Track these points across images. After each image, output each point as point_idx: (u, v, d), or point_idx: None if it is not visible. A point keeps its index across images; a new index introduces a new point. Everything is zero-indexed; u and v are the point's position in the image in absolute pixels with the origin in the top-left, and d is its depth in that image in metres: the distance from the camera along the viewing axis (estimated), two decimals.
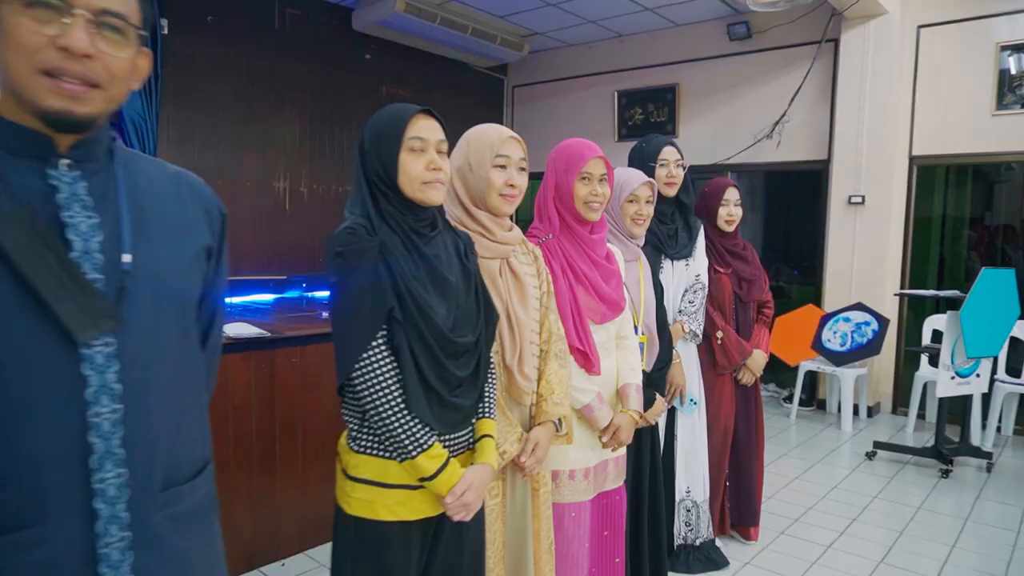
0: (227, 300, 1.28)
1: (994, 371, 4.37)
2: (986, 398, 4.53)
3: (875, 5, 4.85)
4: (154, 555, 0.89)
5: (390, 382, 1.28)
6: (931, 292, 4.55)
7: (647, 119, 6.60)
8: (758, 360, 2.90)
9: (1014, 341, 4.54)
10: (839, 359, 4.96)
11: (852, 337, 4.98)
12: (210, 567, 0.99)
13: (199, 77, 5.25)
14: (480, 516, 1.49)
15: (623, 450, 2.06)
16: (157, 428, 0.89)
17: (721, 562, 2.80)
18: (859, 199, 5.17)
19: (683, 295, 2.69)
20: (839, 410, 5.10)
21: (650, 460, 2.35)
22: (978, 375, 4.06)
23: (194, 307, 0.97)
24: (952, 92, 4.98)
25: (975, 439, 4.47)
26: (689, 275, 2.71)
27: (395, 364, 1.29)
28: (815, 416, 5.30)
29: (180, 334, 0.94)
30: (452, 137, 1.46)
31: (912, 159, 5.19)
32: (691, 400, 2.66)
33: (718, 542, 2.88)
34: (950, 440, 4.16)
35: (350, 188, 1.41)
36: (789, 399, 5.38)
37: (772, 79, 5.74)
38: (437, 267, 1.36)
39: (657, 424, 2.36)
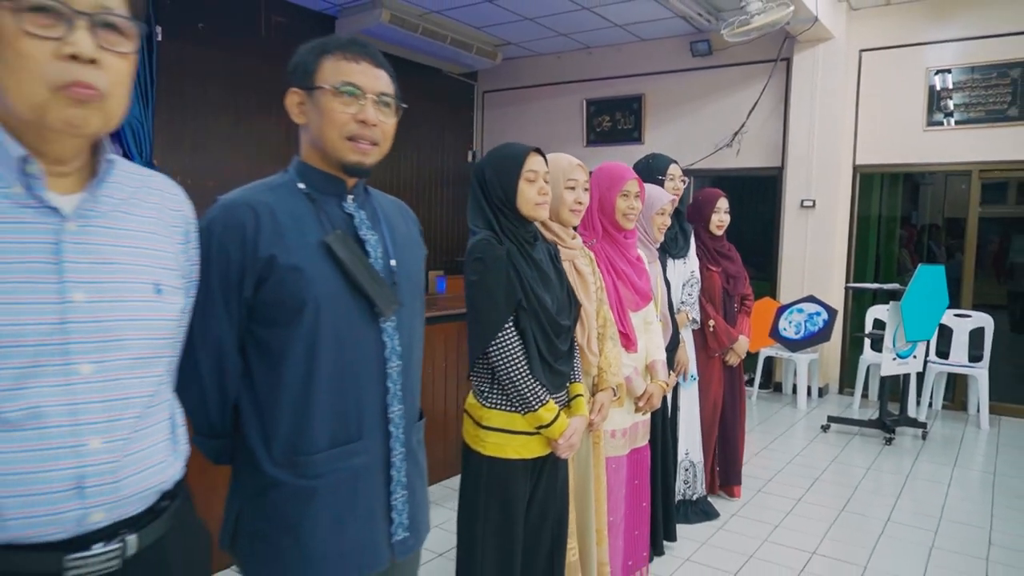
0: None
1: (927, 353, 5.03)
2: (920, 377, 5.19)
3: (824, 31, 5.45)
4: (411, 466, 1.29)
5: (518, 354, 1.70)
6: (876, 285, 5.18)
7: (615, 126, 7.11)
8: (742, 344, 3.42)
9: (942, 328, 5.21)
10: (794, 346, 5.56)
11: (805, 326, 5.58)
12: (424, 485, 1.39)
13: (190, 82, 5.45)
14: (565, 459, 1.92)
15: (649, 414, 2.52)
16: (414, 379, 1.29)
17: (713, 514, 3.30)
18: (810, 203, 5.79)
19: (682, 288, 3.17)
20: (794, 391, 5.72)
21: (661, 426, 2.81)
22: (915, 356, 4.69)
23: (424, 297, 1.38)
24: (889, 109, 5.64)
25: (911, 412, 5.12)
26: (686, 272, 3.19)
27: (520, 341, 1.71)
28: (773, 397, 5.91)
29: (420, 315, 1.34)
30: (432, 138, 1.85)
31: (856, 167, 5.84)
32: (692, 376, 3.14)
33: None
34: (891, 413, 4.79)
35: None
36: (751, 383, 5.96)
37: (731, 93, 6.31)
38: (544, 268, 1.79)
39: (666, 396, 2.83)
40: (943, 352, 5.33)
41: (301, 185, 1.21)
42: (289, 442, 1.15)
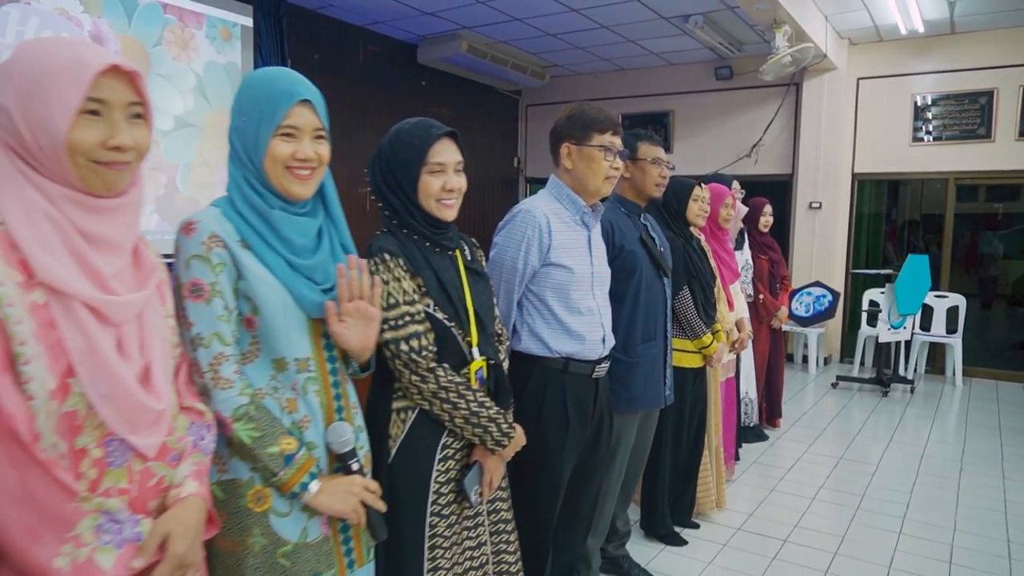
0: None
1: (914, 326, 6.26)
2: (907, 345, 6.43)
3: (829, 63, 6.65)
4: (670, 358, 2.45)
5: (692, 305, 2.85)
6: (874, 271, 6.40)
7: None
8: (783, 312, 4.60)
9: (925, 306, 6.43)
10: (804, 322, 6.76)
11: (813, 306, 6.79)
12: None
13: None
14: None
15: (734, 357, 3.69)
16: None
17: (763, 437, 4.50)
18: (817, 204, 7.01)
19: (741, 272, 4.34)
20: (803, 360, 6.93)
21: (736, 373, 3.98)
22: (905, 328, 5.92)
23: None
24: (881, 127, 6.86)
25: (901, 373, 6.36)
26: (742, 259, 4.36)
27: (692, 298, 2.87)
28: (787, 365, 7.12)
29: None
30: (483, 147, 3.01)
31: (854, 175, 7.07)
32: (750, 336, 4.31)
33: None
34: (886, 373, 6.02)
35: None
36: None
37: (749, 111, 7.51)
38: (704, 254, 2.95)
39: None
40: (925, 326, 6.57)
41: (622, 208, 2.36)
42: (624, 339, 2.30)
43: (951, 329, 6.44)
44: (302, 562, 1.27)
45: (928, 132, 6.70)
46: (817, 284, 6.76)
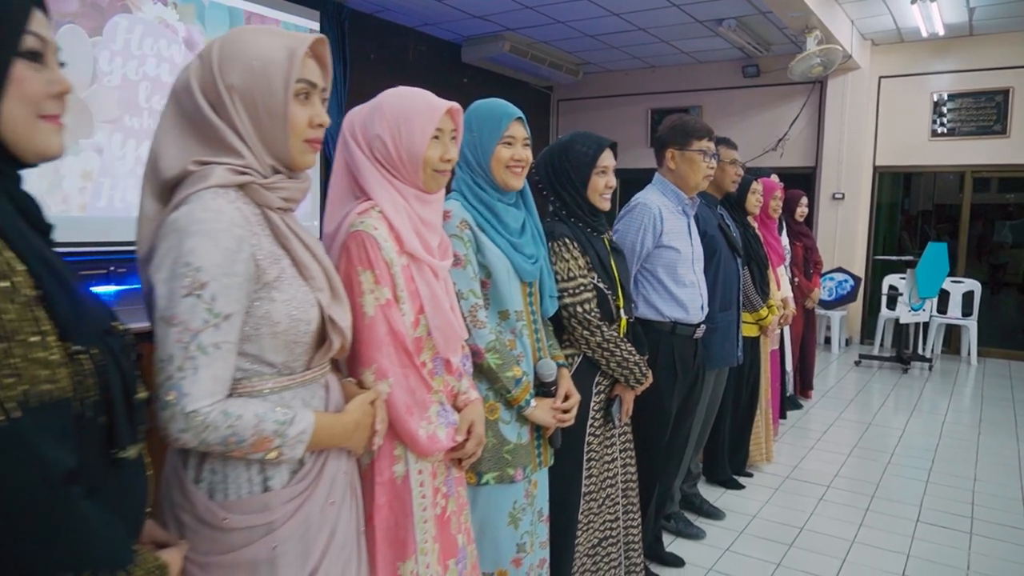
0: None
1: (932, 309, 6.73)
2: (925, 327, 6.90)
3: (852, 63, 7.08)
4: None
5: (751, 282, 3.33)
6: (896, 257, 6.87)
7: None
8: (816, 293, 5.07)
9: (942, 291, 6.89)
10: (829, 306, 7.22)
11: (836, 290, 7.26)
12: None
13: (365, 98, 6.99)
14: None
15: (778, 329, 4.16)
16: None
17: (798, 406, 4.99)
18: (840, 195, 7.46)
19: None
20: (827, 341, 7.40)
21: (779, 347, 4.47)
22: (924, 310, 6.39)
23: None
24: (902, 122, 7.30)
25: (920, 352, 6.83)
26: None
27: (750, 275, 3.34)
28: None
29: None
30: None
31: (875, 168, 7.51)
32: (793, 313, 4.79)
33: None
34: (906, 352, 6.49)
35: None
36: None
37: (776, 107, 7.95)
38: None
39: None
40: (942, 309, 7.03)
41: (703, 200, 2.84)
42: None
43: (966, 312, 6.90)
44: (517, 458, 1.76)
45: (946, 128, 7.13)
46: (839, 270, 7.24)
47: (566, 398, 1.85)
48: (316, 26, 6.07)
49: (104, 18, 4.64)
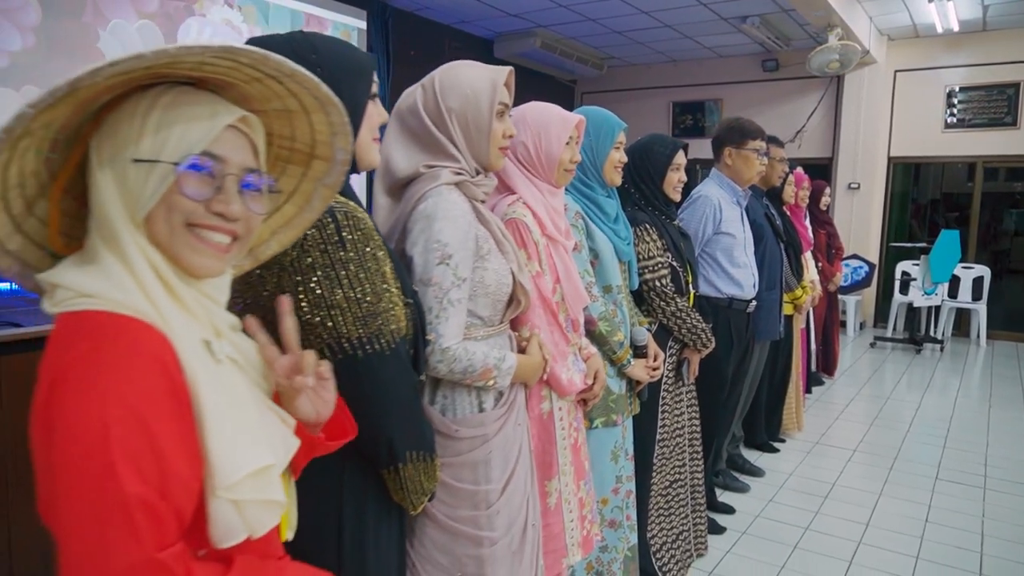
0: None
1: (944, 293, 7.09)
2: (937, 311, 7.25)
3: (869, 58, 7.40)
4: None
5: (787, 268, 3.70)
6: (910, 244, 7.22)
7: (695, 124, 9.05)
8: (838, 277, 5.44)
9: (953, 276, 7.24)
10: (844, 291, 7.57)
11: (851, 276, 7.61)
12: None
13: (400, 93, 7.35)
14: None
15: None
16: None
17: (821, 382, 5.38)
18: (856, 185, 7.80)
19: None
20: (842, 324, 7.75)
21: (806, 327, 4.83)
22: (936, 294, 6.75)
23: None
24: (916, 115, 7.62)
25: (932, 334, 7.19)
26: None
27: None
28: None
29: None
30: None
31: (890, 159, 7.85)
32: (820, 294, 5.16)
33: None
34: (919, 334, 6.85)
35: None
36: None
37: (794, 100, 8.27)
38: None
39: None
40: (953, 294, 7.39)
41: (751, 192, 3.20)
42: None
43: (976, 296, 7.25)
44: (619, 406, 2.14)
45: (959, 120, 7.46)
46: (854, 256, 7.59)
47: (655, 358, 2.22)
48: (363, 24, 6.41)
49: (176, 22, 5.00)
